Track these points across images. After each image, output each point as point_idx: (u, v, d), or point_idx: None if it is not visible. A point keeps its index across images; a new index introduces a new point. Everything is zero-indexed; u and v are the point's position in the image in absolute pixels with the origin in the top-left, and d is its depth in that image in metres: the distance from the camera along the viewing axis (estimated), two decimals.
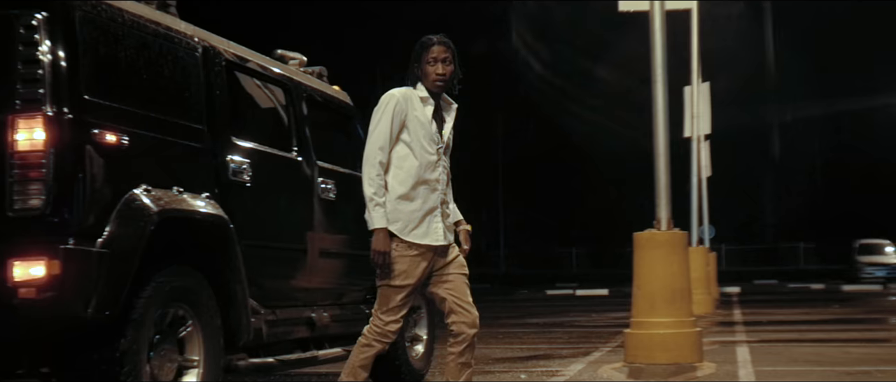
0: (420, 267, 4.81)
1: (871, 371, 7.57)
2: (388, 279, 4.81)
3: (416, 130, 4.81)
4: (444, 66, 4.81)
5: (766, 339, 11.06)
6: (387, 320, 4.83)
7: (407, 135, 4.81)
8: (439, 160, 4.87)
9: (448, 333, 4.94)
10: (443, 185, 4.89)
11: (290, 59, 6.54)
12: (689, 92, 17.11)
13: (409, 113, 4.81)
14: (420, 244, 4.79)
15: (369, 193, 4.78)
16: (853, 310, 18.00)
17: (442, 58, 4.81)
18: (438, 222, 4.85)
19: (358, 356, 4.89)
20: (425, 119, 4.83)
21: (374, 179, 4.78)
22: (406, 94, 4.85)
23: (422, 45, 4.86)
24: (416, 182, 4.80)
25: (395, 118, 4.79)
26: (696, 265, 15.67)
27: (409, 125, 4.81)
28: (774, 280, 41.35)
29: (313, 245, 6.11)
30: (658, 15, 8.16)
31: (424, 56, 4.83)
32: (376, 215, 4.77)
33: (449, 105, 4.99)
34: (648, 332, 8.04)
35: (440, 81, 4.82)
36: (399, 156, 4.82)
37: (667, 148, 8.43)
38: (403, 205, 4.80)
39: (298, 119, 6.15)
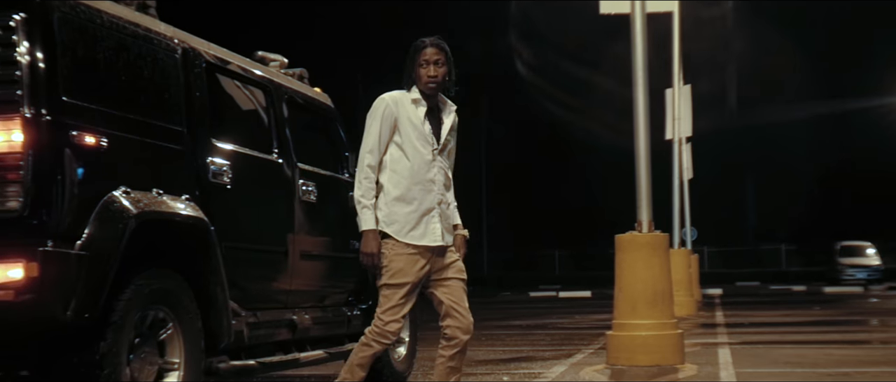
0: (418, 265, 4.85)
1: (850, 373, 7.60)
2: (387, 278, 4.85)
3: (408, 132, 4.85)
4: (436, 68, 4.86)
5: (747, 341, 11.10)
6: (387, 320, 4.84)
7: (399, 138, 4.87)
8: (434, 160, 4.89)
9: (441, 336, 4.96)
10: (439, 186, 4.91)
11: (270, 60, 6.52)
12: (670, 94, 17.16)
13: (400, 115, 4.86)
14: (418, 245, 4.83)
15: (357, 196, 4.88)
16: (834, 312, 18.08)
17: (434, 60, 4.86)
18: (436, 223, 4.89)
19: (357, 354, 4.92)
20: (417, 120, 4.87)
21: (361, 182, 4.86)
22: (396, 98, 4.91)
23: (415, 48, 4.92)
24: (410, 183, 4.85)
25: (384, 122, 4.85)
26: (678, 267, 15.72)
27: (400, 127, 4.86)
28: (757, 282, 41.52)
29: (294, 247, 6.10)
30: (639, 17, 8.18)
31: (417, 58, 4.88)
32: (363, 217, 4.86)
33: (447, 106, 5.02)
34: (630, 334, 8.06)
35: (432, 83, 4.86)
36: (393, 158, 4.88)
37: (648, 150, 8.46)
38: (399, 207, 4.85)
39: (279, 121, 6.13)
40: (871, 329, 13.53)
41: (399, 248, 4.82)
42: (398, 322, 4.85)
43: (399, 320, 4.85)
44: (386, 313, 4.84)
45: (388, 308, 4.84)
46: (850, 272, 36.65)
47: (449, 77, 4.92)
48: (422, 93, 4.90)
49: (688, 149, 21.21)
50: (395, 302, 4.84)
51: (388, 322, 4.84)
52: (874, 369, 7.89)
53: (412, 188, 4.85)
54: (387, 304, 4.85)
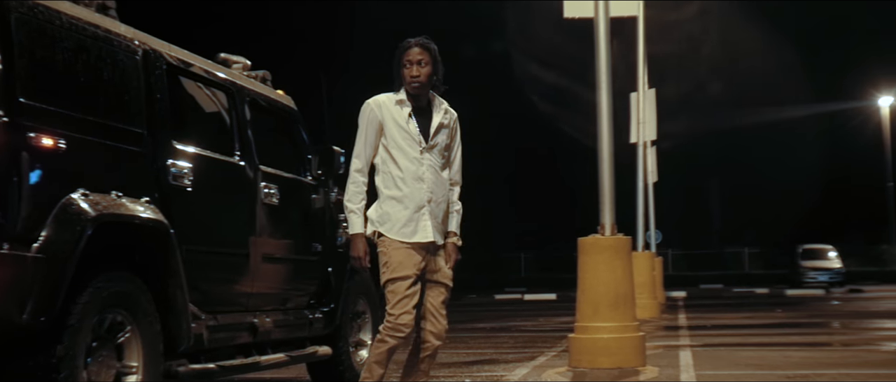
0: (415, 258, 4.92)
1: (809, 375, 7.68)
2: (389, 274, 4.91)
3: (393, 133, 4.95)
4: (419, 68, 4.92)
5: (709, 343, 11.18)
6: (398, 313, 4.87)
7: (386, 139, 4.97)
8: (423, 159, 4.95)
9: (416, 338, 5.00)
10: (429, 183, 4.96)
11: (233, 62, 6.49)
12: (635, 98, 17.26)
13: (384, 118, 4.96)
14: (409, 242, 4.88)
15: (344, 200, 5.02)
16: (796, 315, 18.25)
17: (417, 60, 4.93)
18: (427, 220, 4.95)
19: (373, 352, 4.95)
20: (402, 120, 4.95)
21: (349, 187, 4.99)
22: (380, 101, 5.00)
23: (400, 48, 4.99)
24: (399, 183, 4.93)
25: (369, 126, 4.98)
26: (642, 269, 15.82)
27: (386, 129, 4.96)
28: (720, 284, 41.82)
29: (256, 250, 6.07)
30: (603, 21, 8.22)
31: (402, 59, 4.96)
32: (351, 221, 4.98)
33: (438, 105, 5.05)
34: (592, 337, 8.10)
35: (415, 83, 4.93)
36: (382, 159, 4.99)
37: (611, 154, 8.50)
38: (390, 206, 4.94)
39: (241, 123, 6.10)
40: (831, 332, 13.67)
41: (396, 243, 4.90)
42: (409, 313, 4.88)
43: (410, 311, 4.89)
44: (396, 307, 4.88)
45: (396, 301, 4.88)
46: (812, 275, 36.95)
47: (435, 76, 4.97)
48: (408, 93, 4.96)
49: (653, 152, 21.35)
50: (402, 294, 4.88)
51: (400, 315, 4.87)
52: (832, 371, 7.97)
53: (402, 187, 4.93)
54: (395, 298, 4.89)
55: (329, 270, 7.03)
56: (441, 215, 5.03)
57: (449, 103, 5.13)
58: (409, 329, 4.89)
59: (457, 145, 5.14)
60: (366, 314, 7.66)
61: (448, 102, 5.13)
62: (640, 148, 17.16)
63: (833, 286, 35.63)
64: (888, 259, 49.34)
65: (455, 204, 5.13)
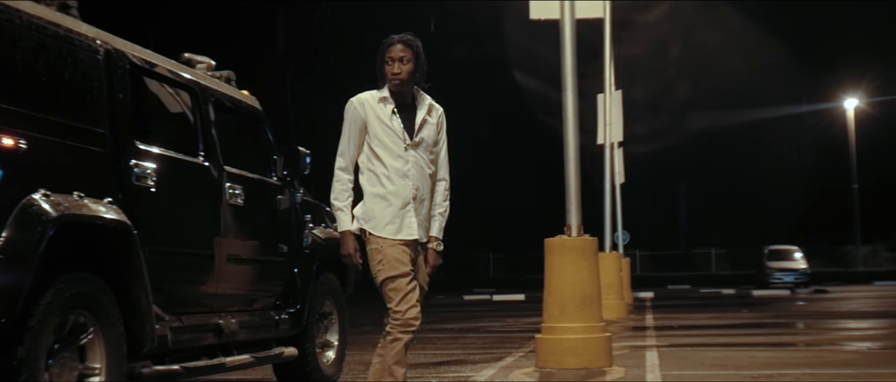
0: (406, 254, 4.91)
1: (773, 375, 7.74)
2: (387, 271, 4.88)
3: (377, 131, 4.93)
4: (401, 65, 4.91)
5: (675, 344, 11.24)
6: (404, 309, 4.86)
7: (370, 137, 4.96)
8: (408, 155, 4.94)
9: (383, 334, 4.99)
10: (414, 180, 4.95)
11: (197, 62, 6.46)
12: (602, 99, 17.33)
13: (368, 115, 4.95)
14: (394, 239, 4.88)
15: (331, 199, 4.99)
16: (761, 315, 18.38)
17: (399, 57, 4.92)
18: (411, 217, 4.94)
19: (388, 353, 4.90)
20: (385, 118, 4.94)
21: (334, 186, 4.97)
22: (363, 99, 4.99)
23: (383, 45, 4.98)
24: (384, 180, 4.92)
25: (352, 125, 4.96)
26: (609, 270, 15.88)
27: (369, 127, 4.95)
28: (687, 285, 42.06)
29: (221, 250, 6.04)
30: (568, 22, 8.24)
31: (385, 55, 4.95)
32: (338, 219, 4.97)
33: (423, 102, 5.03)
34: (559, 337, 8.12)
35: (396, 80, 4.92)
36: (367, 157, 4.98)
37: (577, 155, 8.53)
38: (375, 203, 4.92)
39: (205, 123, 6.07)
40: (796, 332, 13.78)
41: (389, 240, 4.89)
42: (415, 307, 4.88)
43: (415, 305, 4.88)
44: (401, 304, 4.86)
45: (400, 298, 4.87)
46: (778, 275, 37.22)
47: (418, 73, 4.95)
48: (390, 91, 4.96)
49: (620, 153, 21.45)
50: (405, 289, 4.87)
51: (407, 310, 4.86)
52: (796, 371, 8.04)
53: (387, 184, 4.92)
54: (398, 296, 4.87)
55: (295, 271, 7.01)
56: (425, 212, 5.02)
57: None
58: (418, 322, 4.89)
59: (443, 141, 5.12)
60: (332, 315, 7.64)
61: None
62: (607, 149, 17.23)
63: (798, 286, 35.91)
64: (852, 260, 49.85)
65: (440, 205, 5.09)
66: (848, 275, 44.83)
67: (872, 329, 13.94)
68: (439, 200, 5.09)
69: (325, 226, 7.63)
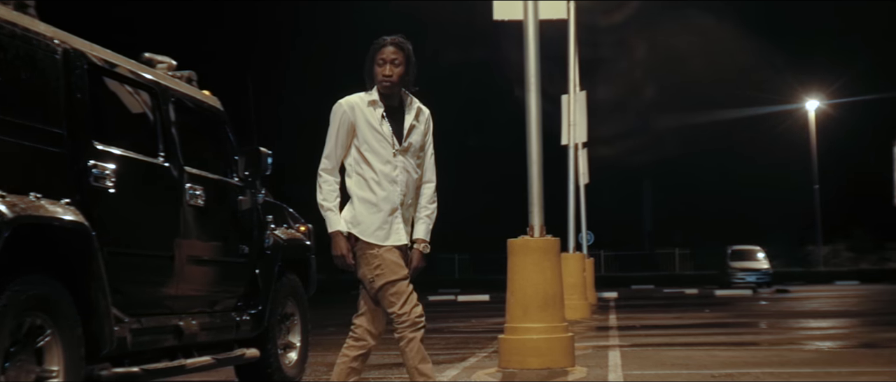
0: (401, 258, 4.90)
1: (734, 374, 7.80)
2: (389, 276, 4.86)
3: (366, 135, 4.89)
4: (392, 68, 4.87)
5: (638, 344, 11.30)
6: (410, 309, 4.86)
7: (358, 141, 4.91)
8: (396, 160, 4.91)
9: (349, 335, 5.00)
10: (402, 186, 4.93)
11: (158, 62, 6.41)
12: (566, 100, 17.39)
13: (357, 119, 4.90)
14: (384, 246, 4.87)
15: (319, 200, 4.93)
16: (723, 315, 18.52)
17: (391, 59, 4.88)
18: (400, 223, 4.93)
19: (409, 355, 4.87)
20: (375, 122, 4.90)
21: (321, 187, 4.92)
22: (352, 102, 4.94)
23: (374, 46, 4.93)
24: (373, 185, 4.89)
25: (341, 127, 4.91)
26: (573, 271, 15.95)
27: (358, 131, 4.91)
28: (651, 285, 42.33)
29: (181, 252, 6.00)
30: (532, 23, 8.26)
31: (375, 56, 4.90)
32: (328, 220, 4.91)
33: (411, 105, 5.00)
34: (521, 338, 8.14)
35: (386, 82, 4.88)
36: (355, 161, 4.93)
37: (540, 155, 8.55)
38: (363, 208, 4.89)
39: (166, 124, 6.02)
40: (757, 332, 13.90)
41: (386, 246, 4.87)
42: (418, 305, 4.89)
43: (418, 304, 4.90)
44: (404, 306, 4.85)
45: (403, 301, 4.86)
46: (741, 275, 37.54)
47: (407, 76, 4.92)
48: (379, 93, 4.92)
49: (584, 154, 21.52)
50: (406, 291, 4.87)
51: (411, 310, 4.86)
52: (756, 370, 8.11)
53: (376, 190, 4.89)
54: (401, 299, 4.86)
55: (256, 272, 6.98)
56: (410, 216, 5.01)
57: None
58: (424, 318, 4.91)
59: (430, 144, 5.09)
60: (295, 316, 7.62)
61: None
62: (570, 150, 17.29)
63: (761, 286, 36.24)
64: (814, 260, 50.39)
65: (426, 207, 5.06)
66: (809, 275, 45.33)
67: (832, 329, 14.09)
68: (425, 202, 5.07)
69: (288, 227, 7.61)
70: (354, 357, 5.01)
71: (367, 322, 4.99)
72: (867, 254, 52.04)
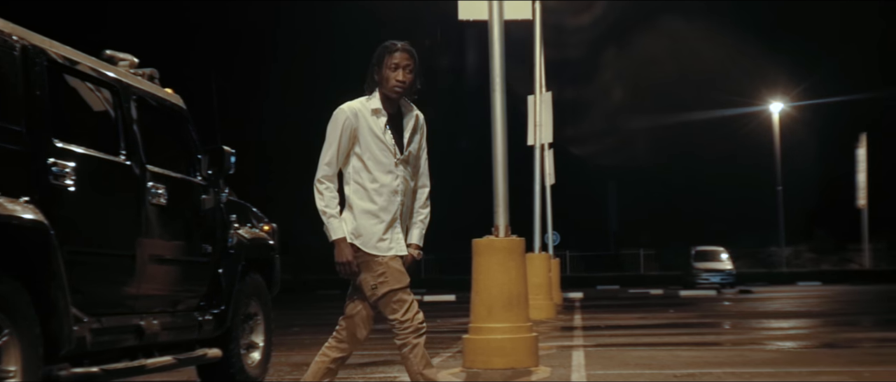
0: (402, 265, 4.90)
1: (696, 374, 7.84)
2: (393, 284, 4.85)
3: (369, 143, 4.83)
4: (405, 74, 4.83)
5: (602, 344, 11.34)
6: (412, 316, 4.87)
7: (359, 149, 4.84)
8: (397, 170, 4.87)
9: (333, 334, 5.02)
10: (401, 195, 4.88)
11: (119, 59, 6.35)
12: (532, 101, 17.43)
13: (360, 127, 4.83)
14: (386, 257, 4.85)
15: (321, 207, 4.84)
16: (687, 315, 18.65)
17: (404, 65, 4.83)
18: (400, 233, 4.91)
19: (413, 362, 4.88)
20: (379, 131, 4.84)
21: (323, 193, 4.84)
22: (355, 108, 4.86)
23: (385, 49, 4.86)
24: (375, 196, 4.84)
25: (343, 134, 4.83)
26: (538, 271, 15.99)
27: (361, 139, 4.83)
28: (617, 285, 42.54)
29: (143, 251, 5.94)
30: (497, 23, 8.27)
31: (387, 60, 4.83)
32: (331, 227, 4.83)
33: (409, 112, 4.96)
34: (486, 337, 8.15)
35: (399, 87, 4.83)
36: (355, 170, 4.86)
37: (505, 156, 8.56)
38: (365, 219, 4.84)
39: (127, 122, 5.96)
40: (720, 332, 13.99)
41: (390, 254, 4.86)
42: (419, 312, 4.90)
43: (419, 310, 4.90)
44: (407, 313, 4.86)
45: (406, 308, 4.87)
46: (705, 276, 37.80)
47: (415, 83, 4.90)
48: (384, 99, 4.86)
49: (550, 154, 21.58)
50: (409, 299, 4.88)
51: (414, 316, 4.87)
52: (718, 370, 8.16)
53: (377, 200, 4.84)
54: (404, 307, 4.86)
55: (219, 271, 6.94)
56: (407, 224, 5.00)
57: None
58: (425, 323, 4.92)
59: (424, 148, 5.06)
60: (258, 315, 7.58)
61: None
62: (537, 150, 17.33)
63: (724, 287, 36.51)
64: (776, 261, 50.86)
65: (420, 212, 5.04)
66: (772, 276, 45.75)
67: (794, 329, 14.22)
68: (419, 207, 5.05)
69: (251, 227, 7.57)
70: (334, 359, 5.03)
71: (355, 327, 4.99)
72: (829, 256, 52.64)
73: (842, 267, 50.26)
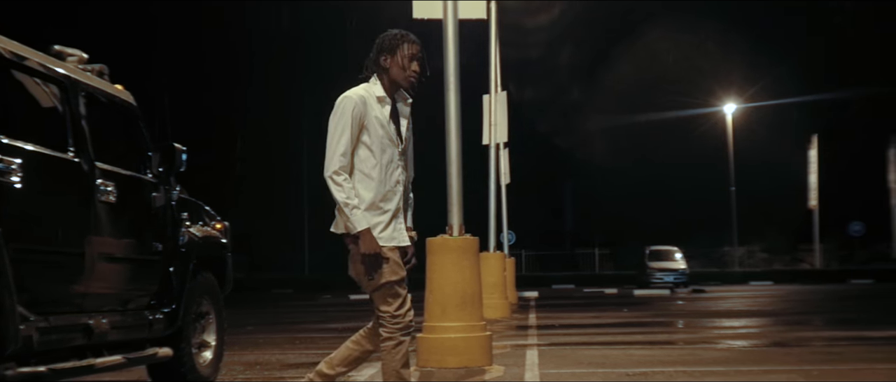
0: (401, 258, 4.83)
1: (648, 373, 7.89)
2: (388, 276, 4.76)
3: (376, 132, 4.75)
4: (418, 65, 4.81)
5: (556, 342, 11.38)
6: (403, 312, 4.80)
7: (367, 138, 4.75)
8: (398, 161, 4.83)
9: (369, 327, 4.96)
10: (402, 187, 4.85)
11: (68, 55, 6.25)
12: (487, 100, 17.45)
13: (368, 115, 4.75)
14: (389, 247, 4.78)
15: (342, 199, 4.71)
16: (641, 314, 18.77)
17: (418, 57, 4.80)
18: (401, 224, 4.86)
19: (394, 358, 4.81)
20: (384, 120, 4.78)
21: (342, 185, 4.71)
22: (363, 96, 4.77)
23: (402, 38, 4.80)
24: (380, 186, 4.76)
25: (354, 122, 4.72)
26: (493, 270, 16.01)
27: (368, 128, 4.75)
28: (572, 284, 42.73)
29: (92, 249, 5.86)
30: (451, 22, 8.26)
31: (404, 49, 4.78)
32: (356, 218, 4.71)
33: (405, 101, 4.91)
34: (439, 336, 8.15)
35: (414, 79, 4.80)
36: (360, 160, 4.78)
37: (459, 155, 8.56)
38: (371, 211, 4.77)
39: (75, 118, 5.87)
40: (673, 331, 14.09)
41: (390, 245, 4.78)
42: (411, 309, 4.84)
43: (411, 308, 4.84)
44: (400, 308, 4.79)
45: (400, 303, 4.80)
46: (659, 275, 38.05)
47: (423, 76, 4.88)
48: (388, 86, 4.80)
49: (505, 154, 21.62)
50: (404, 293, 4.81)
51: (405, 312, 4.81)
52: (671, 368, 8.22)
53: (383, 191, 4.77)
54: (398, 300, 4.79)
55: (170, 270, 6.86)
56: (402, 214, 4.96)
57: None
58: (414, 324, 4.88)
59: (411, 136, 5.03)
60: (210, 314, 7.51)
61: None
62: (491, 150, 17.37)
63: (678, 286, 36.79)
64: (729, 260, 51.39)
65: (410, 197, 5.03)
66: (725, 275, 46.20)
67: (745, 328, 14.37)
68: (408, 194, 5.02)
69: (203, 225, 7.50)
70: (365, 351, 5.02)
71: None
72: (781, 255, 53.30)
73: (793, 267, 50.90)
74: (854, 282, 41.21)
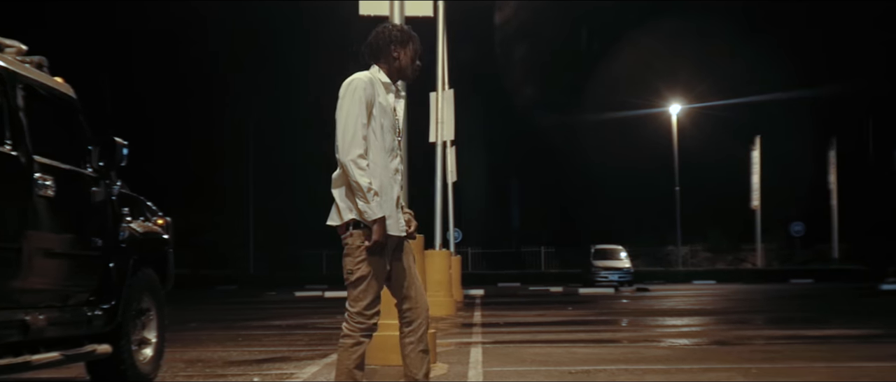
0: (386, 256, 4.71)
1: (591, 371, 7.94)
2: (364, 270, 4.65)
3: (381, 118, 4.65)
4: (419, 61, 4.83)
5: (500, 340, 11.41)
6: (371, 313, 4.72)
7: (373, 123, 4.63)
8: (397, 150, 4.77)
9: (401, 321, 4.88)
10: (400, 176, 4.79)
11: (6, 46, 6.14)
12: (434, 98, 17.45)
13: (375, 99, 4.64)
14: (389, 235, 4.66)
15: (365, 184, 4.54)
16: (585, 312, 18.89)
17: (421, 54, 4.82)
18: (400, 213, 4.78)
19: (350, 357, 4.71)
20: (389, 107, 4.71)
21: (365, 168, 4.56)
22: (373, 80, 4.68)
23: (408, 34, 4.78)
24: (383, 174, 4.66)
25: (364, 104, 4.60)
26: (439, 268, 16.01)
27: (375, 112, 4.63)
28: (518, 283, 42.89)
29: (28, 244, 5.76)
30: (398, 19, 8.20)
31: (414, 43, 4.77)
32: (375, 205, 4.56)
33: (398, 95, 4.86)
34: (384, 334, 8.04)
35: (418, 72, 4.83)
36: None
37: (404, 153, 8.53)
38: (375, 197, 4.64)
39: (13, 110, 5.77)
40: (617, 329, 14.18)
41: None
42: (379, 312, 4.73)
43: (379, 311, 4.74)
44: (368, 309, 4.70)
45: (370, 301, 4.69)
46: (604, 274, 38.31)
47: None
48: (392, 75, 4.77)
49: (452, 152, 21.64)
50: (376, 294, 4.70)
51: (372, 314, 4.72)
52: (613, 367, 8.28)
53: (385, 179, 4.66)
54: (367, 298, 4.68)
55: (110, 265, 6.77)
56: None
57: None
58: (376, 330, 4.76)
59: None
60: (151, 311, 7.42)
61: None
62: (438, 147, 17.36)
63: (622, 285, 37.07)
64: (673, 259, 51.91)
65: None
66: (669, 274, 46.67)
67: (687, 327, 14.51)
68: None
69: (145, 220, 7.41)
70: (419, 340, 4.90)
71: (413, 303, 4.89)
72: (724, 255, 53.95)
73: (736, 267, 51.54)
74: (794, 282, 41.84)
